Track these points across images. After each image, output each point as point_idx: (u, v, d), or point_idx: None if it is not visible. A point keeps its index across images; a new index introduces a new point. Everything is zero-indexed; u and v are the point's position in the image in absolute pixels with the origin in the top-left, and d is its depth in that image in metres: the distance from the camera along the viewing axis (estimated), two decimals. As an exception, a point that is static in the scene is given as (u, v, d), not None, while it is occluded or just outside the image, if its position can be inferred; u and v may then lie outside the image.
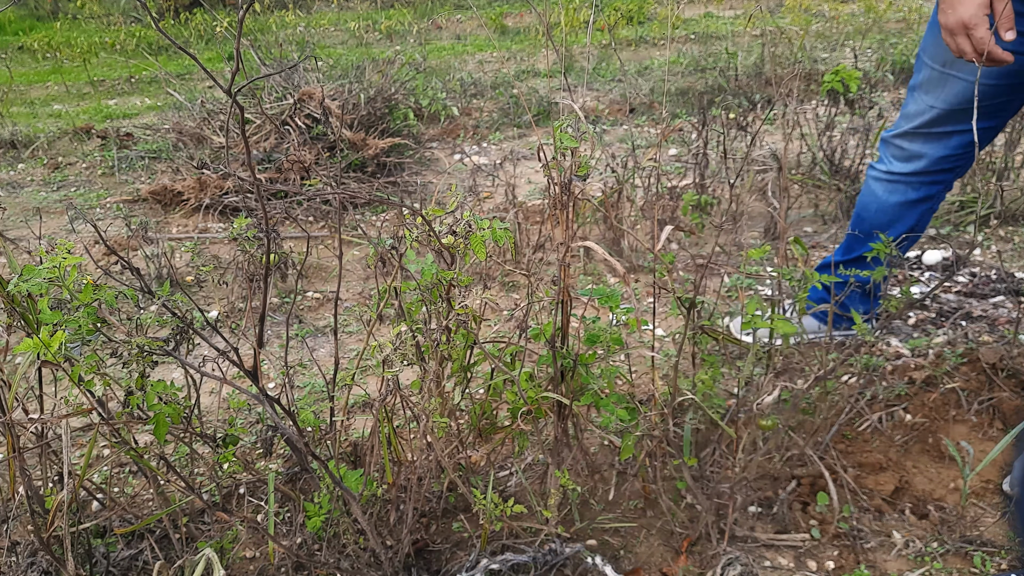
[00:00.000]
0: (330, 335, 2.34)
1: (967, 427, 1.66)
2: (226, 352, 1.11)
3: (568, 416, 1.42)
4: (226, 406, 1.97)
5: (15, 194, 3.65)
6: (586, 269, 2.62)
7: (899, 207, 1.83)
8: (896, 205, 1.82)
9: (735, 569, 1.31)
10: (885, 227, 1.84)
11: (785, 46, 4.94)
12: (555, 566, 1.36)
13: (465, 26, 7.56)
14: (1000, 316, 2.12)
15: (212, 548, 1.08)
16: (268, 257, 1.10)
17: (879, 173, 1.84)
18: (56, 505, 1.16)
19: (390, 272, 1.31)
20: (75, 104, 5.35)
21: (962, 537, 1.42)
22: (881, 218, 1.85)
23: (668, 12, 6.92)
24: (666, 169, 3.18)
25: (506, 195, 2.92)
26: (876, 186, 1.85)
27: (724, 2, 7.53)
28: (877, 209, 1.86)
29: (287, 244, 2.91)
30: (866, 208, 1.88)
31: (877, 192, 1.85)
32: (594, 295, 1.35)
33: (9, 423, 1.17)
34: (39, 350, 1.06)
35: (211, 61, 6.32)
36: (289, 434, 1.23)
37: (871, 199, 1.87)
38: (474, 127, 4.29)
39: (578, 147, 1.22)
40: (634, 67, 5.25)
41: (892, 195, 1.83)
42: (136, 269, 1.25)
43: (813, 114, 3.70)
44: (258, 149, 3.49)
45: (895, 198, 1.82)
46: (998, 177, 2.73)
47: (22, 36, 7.97)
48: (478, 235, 1.23)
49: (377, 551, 1.28)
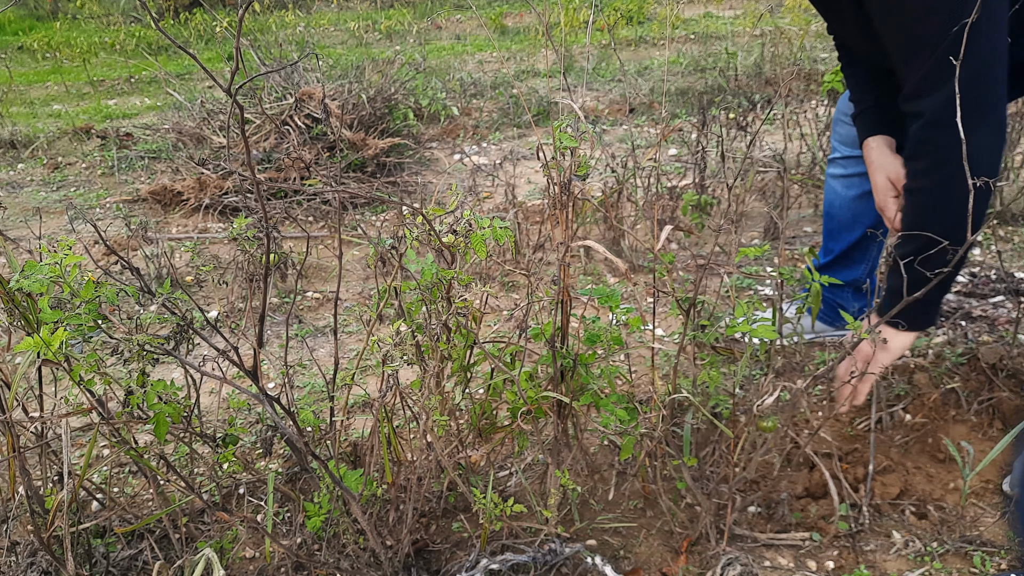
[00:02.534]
0: (330, 335, 2.34)
1: (967, 427, 1.66)
2: (226, 352, 1.11)
3: (568, 416, 1.42)
4: (226, 406, 1.97)
5: (15, 194, 3.65)
6: (586, 269, 2.62)
7: (858, 201, 1.83)
8: (854, 199, 1.83)
9: (735, 569, 1.31)
10: (851, 223, 1.85)
11: (785, 46, 4.94)
12: (555, 566, 1.36)
13: (465, 26, 7.56)
14: (1000, 316, 2.12)
15: (212, 548, 1.08)
16: (268, 257, 1.10)
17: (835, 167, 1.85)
18: (56, 505, 1.16)
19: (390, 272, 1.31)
20: (75, 104, 5.35)
21: (962, 537, 1.42)
22: (845, 214, 1.86)
23: (668, 12, 6.92)
24: (666, 169, 3.18)
25: (506, 195, 2.92)
26: (834, 183, 1.86)
27: (724, 2, 7.53)
28: (840, 206, 1.86)
29: (287, 244, 2.91)
30: (831, 206, 1.89)
31: (836, 189, 1.86)
32: (594, 295, 1.35)
33: (9, 422, 1.17)
34: (39, 349, 1.06)
35: (211, 61, 6.32)
36: (289, 434, 1.23)
37: (833, 196, 1.87)
38: (474, 127, 4.29)
39: (577, 147, 1.22)
40: (634, 67, 5.25)
41: (849, 189, 1.83)
42: (136, 269, 1.25)
43: (813, 114, 3.70)
44: (258, 149, 3.49)
45: (852, 192, 1.82)
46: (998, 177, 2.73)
47: (22, 36, 7.97)
48: (478, 234, 1.23)
49: (377, 551, 1.28)
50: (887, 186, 1.45)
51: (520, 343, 1.42)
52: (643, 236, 2.77)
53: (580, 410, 1.43)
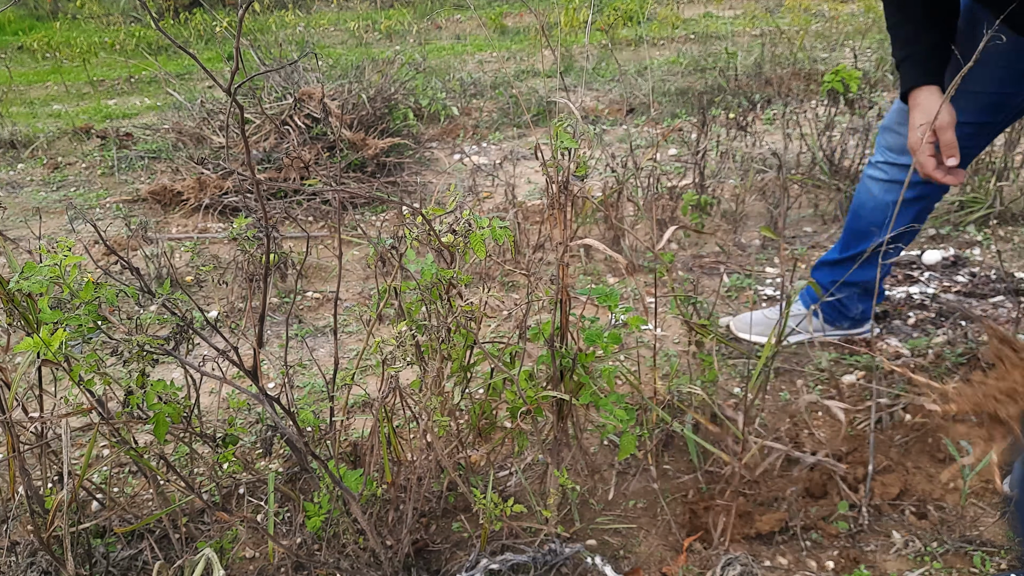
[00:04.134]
0: (330, 335, 2.34)
1: (967, 427, 1.66)
2: (226, 352, 1.11)
3: (568, 416, 1.42)
4: (226, 406, 1.97)
5: (15, 194, 3.65)
6: (586, 269, 2.62)
7: (894, 206, 1.81)
8: (892, 204, 1.81)
9: (735, 569, 1.31)
10: (881, 225, 1.84)
11: (785, 46, 4.94)
12: (555, 566, 1.36)
13: (465, 26, 7.56)
14: (1000, 316, 2.12)
15: (212, 548, 1.08)
16: (268, 257, 1.10)
17: (875, 170, 1.84)
18: (56, 505, 1.16)
19: (390, 272, 1.31)
20: (75, 104, 5.35)
21: (962, 537, 1.42)
22: (877, 216, 1.84)
23: (668, 12, 6.92)
24: (666, 169, 3.18)
25: (506, 195, 2.92)
26: (872, 185, 1.85)
27: (724, 2, 7.53)
28: (873, 207, 1.85)
29: (287, 244, 2.91)
30: (863, 206, 1.88)
31: (873, 191, 1.84)
32: (593, 295, 1.35)
33: (9, 423, 1.17)
34: (39, 349, 1.06)
35: (211, 61, 6.32)
36: (289, 434, 1.23)
37: (867, 197, 1.86)
38: (474, 127, 4.29)
39: (577, 147, 1.22)
40: (633, 67, 5.25)
41: (888, 194, 1.82)
42: (136, 269, 1.25)
43: (813, 114, 3.70)
44: (258, 149, 3.49)
45: (891, 196, 1.81)
46: (998, 177, 2.73)
47: (22, 36, 7.97)
48: (477, 234, 1.23)
49: (377, 551, 1.28)
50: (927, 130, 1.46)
51: (519, 343, 1.42)
52: (643, 236, 2.77)
53: (580, 410, 1.43)
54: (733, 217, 2.85)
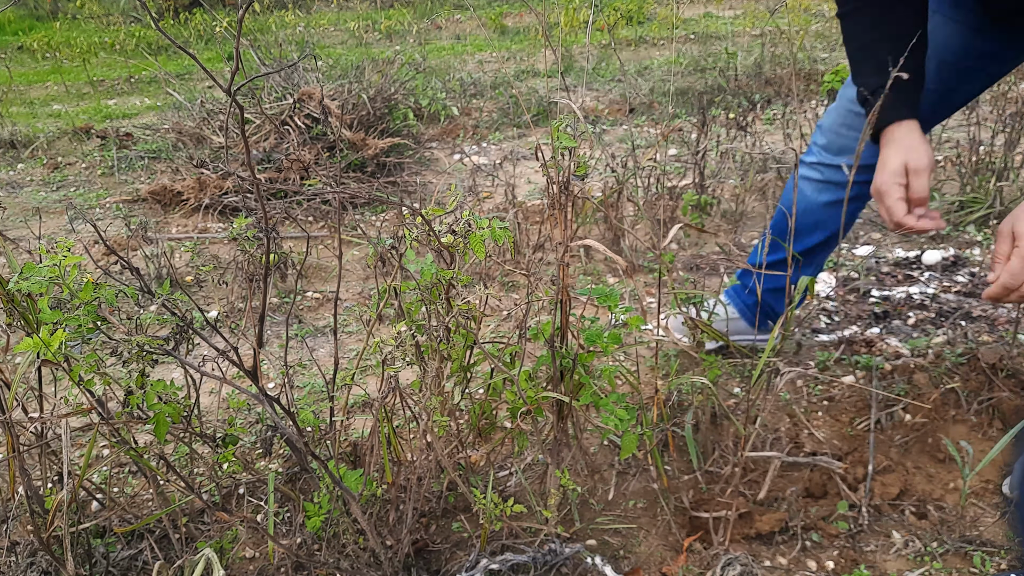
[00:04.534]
0: (330, 335, 2.34)
1: (967, 427, 1.66)
2: (226, 352, 1.11)
3: (568, 416, 1.42)
4: (226, 406, 1.97)
5: (15, 194, 3.65)
6: (586, 269, 2.62)
7: (826, 208, 1.73)
8: (823, 205, 1.73)
9: (735, 569, 1.31)
10: (811, 228, 1.76)
11: (785, 46, 4.94)
12: (555, 566, 1.36)
13: (465, 26, 7.56)
14: (1000, 316, 2.12)
15: (212, 548, 1.08)
16: (268, 257, 1.10)
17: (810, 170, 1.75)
18: (56, 505, 1.16)
19: (390, 272, 1.31)
20: (75, 104, 5.35)
21: (962, 537, 1.42)
22: (807, 219, 1.76)
23: (668, 12, 6.92)
24: (666, 169, 3.18)
25: (506, 195, 2.92)
26: (805, 185, 1.76)
27: (724, 2, 7.53)
28: (804, 208, 1.75)
29: (287, 244, 2.91)
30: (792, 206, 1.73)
31: (806, 191, 1.75)
32: (593, 295, 1.35)
33: (9, 422, 1.17)
34: (39, 349, 1.06)
35: (211, 61, 6.32)
36: (289, 434, 1.23)
37: (799, 197, 1.76)
38: (474, 127, 4.29)
39: (577, 147, 1.22)
40: (634, 67, 5.25)
41: (821, 194, 1.73)
42: (136, 269, 1.25)
43: (813, 114, 3.70)
44: (258, 149, 3.49)
45: (824, 197, 1.72)
46: (998, 177, 2.73)
47: (22, 36, 7.98)
48: (477, 234, 1.23)
49: (377, 551, 1.28)
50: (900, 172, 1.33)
51: (519, 343, 1.42)
52: (643, 236, 2.77)
53: (580, 410, 1.43)
54: (733, 217, 2.85)
